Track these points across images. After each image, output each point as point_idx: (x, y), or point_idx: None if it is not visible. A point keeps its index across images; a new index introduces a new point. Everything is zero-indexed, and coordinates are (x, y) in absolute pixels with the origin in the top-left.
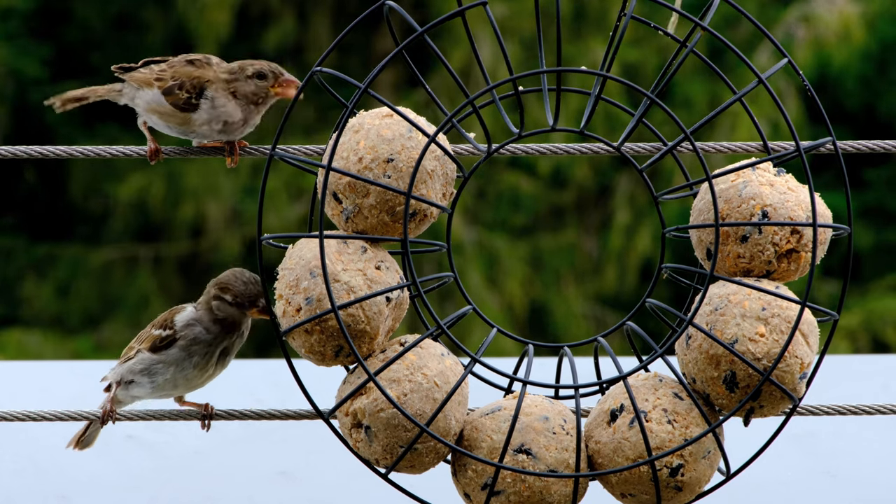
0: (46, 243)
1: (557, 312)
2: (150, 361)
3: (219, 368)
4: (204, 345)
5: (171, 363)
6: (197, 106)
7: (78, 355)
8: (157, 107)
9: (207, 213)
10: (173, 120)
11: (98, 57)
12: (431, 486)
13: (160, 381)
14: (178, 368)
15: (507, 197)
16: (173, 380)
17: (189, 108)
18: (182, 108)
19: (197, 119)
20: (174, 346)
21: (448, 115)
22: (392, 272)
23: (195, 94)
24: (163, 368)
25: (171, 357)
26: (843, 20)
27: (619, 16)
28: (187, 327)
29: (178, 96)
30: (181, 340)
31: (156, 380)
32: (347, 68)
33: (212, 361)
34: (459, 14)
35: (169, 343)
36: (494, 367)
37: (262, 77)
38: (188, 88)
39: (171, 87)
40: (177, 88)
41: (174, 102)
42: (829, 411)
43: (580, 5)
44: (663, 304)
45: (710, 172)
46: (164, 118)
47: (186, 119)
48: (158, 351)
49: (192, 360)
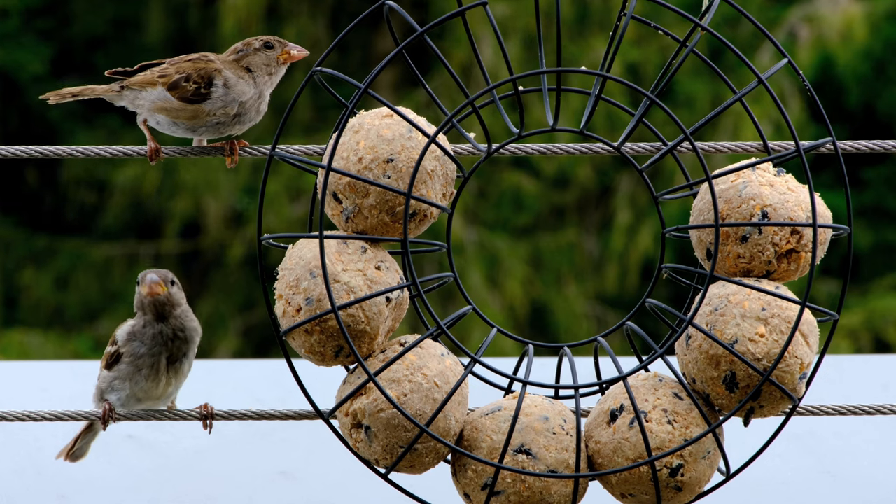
0: (46, 235)
1: (558, 313)
2: (109, 379)
3: (174, 377)
4: (147, 356)
5: (125, 378)
6: (207, 96)
7: (78, 355)
8: (164, 104)
9: (207, 211)
10: (182, 115)
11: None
12: (431, 486)
13: (123, 396)
14: (133, 382)
15: (508, 197)
16: (133, 394)
17: (198, 98)
18: (191, 100)
19: (209, 109)
20: (121, 361)
21: (448, 116)
22: (392, 272)
23: (203, 84)
24: (119, 384)
25: (122, 373)
26: (846, 20)
27: (619, 16)
28: (127, 342)
29: (186, 88)
30: (126, 356)
31: (119, 395)
32: (347, 68)
33: (161, 370)
34: (459, 14)
35: (117, 359)
36: (494, 368)
37: (269, 47)
38: (195, 79)
39: (176, 80)
40: (183, 81)
41: (182, 96)
42: (829, 411)
43: (583, 6)
44: (663, 305)
45: (711, 172)
46: (172, 114)
47: (196, 112)
48: (111, 367)
49: (143, 373)
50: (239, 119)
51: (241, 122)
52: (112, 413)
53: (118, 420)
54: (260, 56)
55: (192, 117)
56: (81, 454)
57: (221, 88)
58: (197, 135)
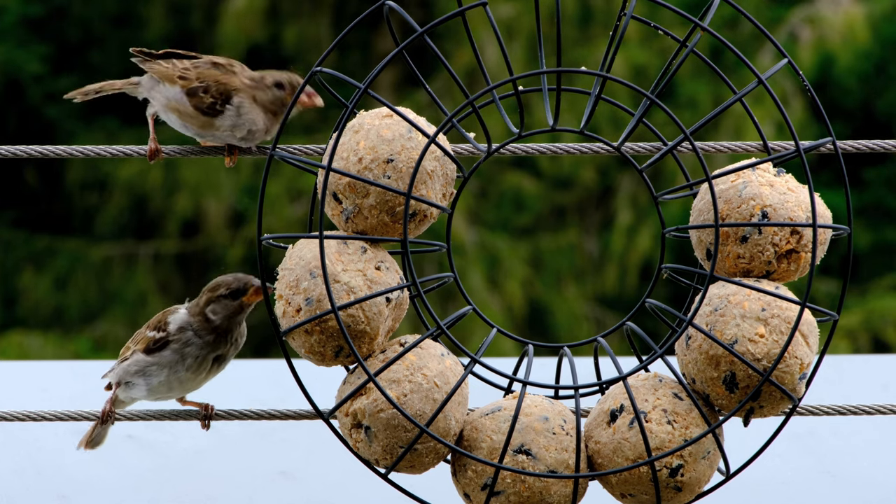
0: (46, 236)
1: (558, 313)
2: (144, 363)
3: (213, 372)
4: (196, 347)
5: (165, 365)
6: (221, 112)
7: (78, 356)
8: (178, 105)
9: (207, 211)
10: (194, 122)
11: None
12: (431, 486)
13: (154, 383)
14: (172, 371)
15: (508, 197)
16: (167, 382)
17: (212, 113)
18: (205, 112)
19: (220, 124)
20: (167, 348)
21: (448, 116)
22: (392, 272)
23: (220, 101)
24: (156, 370)
25: (164, 359)
26: (847, 21)
27: (619, 16)
28: (180, 331)
29: (203, 100)
30: (174, 343)
31: (150, 381)
32: (347, 68)
33: (205, 366)
34: (459, 14)
35: (162, 345)
36: (494, 368)
37: (279, 87)
38: (214, 94)
39: (195, 88)
40: (201, 91)
41: (197, 105)
42: (829, 411)
43: (587, 7)
44: (663, 305)
45: (711, 173)
46: (184, 118)
47: (208, 123)
48: (152, 353)
49: (186, 363)
50: (245, 140)
51: (247, 141)
52: (111, 413)
53: (117, 420)
54: (267, 94)
55: (203, 126)
56: (100, 440)
57: (234, 110)
58: (203, 140)
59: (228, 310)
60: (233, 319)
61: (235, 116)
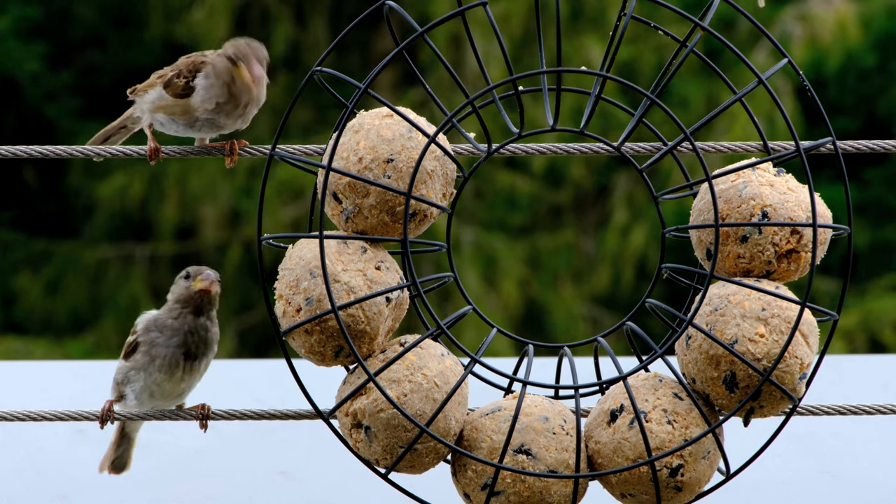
0: (43, 239)
1: (555, 313)
2: (125, 370)
3: (189, 374)
4: (162, 347)
5: (140, 368)
6: (193, 89)
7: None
8: (161, 101)
9: (204, 213)
10: (177, 110)
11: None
12: (431, 486)
13: (137, 389)
14: (147, 373)
15: (504, 197)
16: (147, 387)
17: (188, 92)
18: (181, 95)
19: (195, 104)
20: (138, 351)
21: (448, 116)
22: (392, 272)
23: (192, 77)
24: (135, 375)
25: (138, 363)
26: (839, 19)
27: (619, 15)
28: (146, 332)
29: (177, 84)
30: (143, 346)
31: (135, 388)
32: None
33: (176, 365)
34: (459, 14)
35: (134, 348)
36: (494, 368)
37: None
38: (185, 73)
39: (170, 78)
40: (175, 77)
41: (174, 92)
42: (829, 411)
43: (577, 4)
44: (663, 305)
45: (710, 172)
46: (168, 111)
47: (186, 107)
48: (129, 357)
49: (156, 364)
50: (221, 115)
51: (226, 117)
52: (110, 413)
53: (116, 420)
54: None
55: (185, 112)
56: (124, 464)
57: (203, 81)
58: (197, 132)
59: (181, 294)
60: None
61: (204, 90)
